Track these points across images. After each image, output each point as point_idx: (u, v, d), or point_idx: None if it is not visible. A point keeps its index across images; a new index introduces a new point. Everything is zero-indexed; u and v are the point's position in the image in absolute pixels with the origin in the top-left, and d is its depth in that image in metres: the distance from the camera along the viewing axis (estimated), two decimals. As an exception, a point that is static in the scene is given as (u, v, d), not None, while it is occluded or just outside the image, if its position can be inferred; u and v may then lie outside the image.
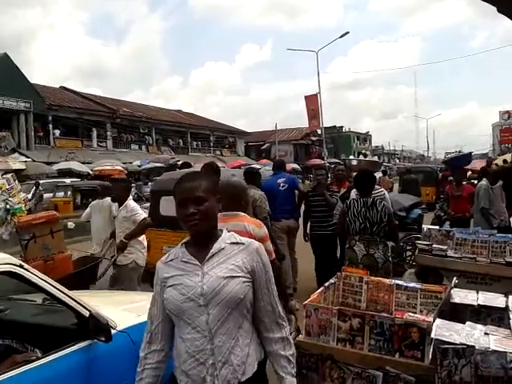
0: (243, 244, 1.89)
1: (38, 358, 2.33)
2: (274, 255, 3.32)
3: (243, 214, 3.23)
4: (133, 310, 3.10)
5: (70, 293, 2.53)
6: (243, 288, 1.80)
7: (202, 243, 1.88)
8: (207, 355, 1.76)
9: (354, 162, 23.57)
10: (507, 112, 42.89)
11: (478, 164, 19.59)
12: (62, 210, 17.38)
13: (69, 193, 19.98)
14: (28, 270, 2.33)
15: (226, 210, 3.04)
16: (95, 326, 2.46)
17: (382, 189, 6.13)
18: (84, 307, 2.51)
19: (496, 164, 17.63)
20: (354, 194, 5.38)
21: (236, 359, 1.78)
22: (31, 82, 28.38)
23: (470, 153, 13.37)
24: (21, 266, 2.30)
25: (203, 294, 1.78)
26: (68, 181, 21.36)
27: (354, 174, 6.76)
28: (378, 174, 18.05)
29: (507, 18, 2.09)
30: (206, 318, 1.77)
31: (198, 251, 1.87)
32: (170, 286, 1.84)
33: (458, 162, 11.11)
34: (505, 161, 13.67)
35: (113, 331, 2.55)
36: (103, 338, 2.46)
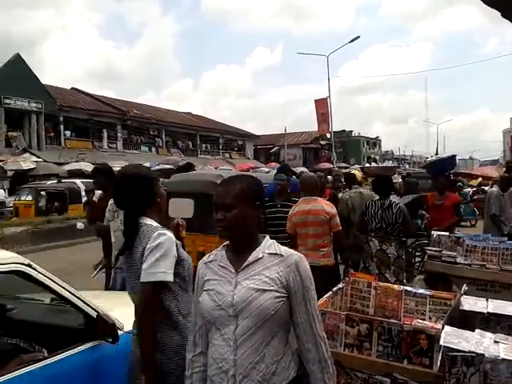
0: (282, 256, 1.80)
1: (45, 358, 2.34)
2: (340, 227, 4.83)
3: (320, 198, 4.95)
4: None
5: (78, 293, 2.54)
6: (275, 303, 1.72)
7: (239, 249, 1.85)
8: (229, 365, 1.72)
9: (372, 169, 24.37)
10: (518, 118, 42.59)
11: (488, 170, 19.46)
12: (23, 213, 16.38)
13: (29, 196, 17.27)
14: (36, 270, 2.35)
15: (308, 195, 4.78)
16: (102, 327, 2.47)
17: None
18: (91, 308, 2.52)
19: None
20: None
21: (258, 375, 1.71)
22: (43, 82, 28.62)
23: (454, 156, 10.83)
24: (29, 266, 2.32)
25: (233, 305, 1.74)
26: (78, 181, 21.47)
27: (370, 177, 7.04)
28: (398, 179, 18.02)
29: (510, 22, 2.07)
30: (234, 328, 1.74)
31: (236, 257, 1.84)
32: (205, 290, 1.83)
33: (439, 167, 9.74)
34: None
35: (120, 332, 2.56)
36: (110, 339, 2.47)
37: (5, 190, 19.62)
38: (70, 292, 2.49)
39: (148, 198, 2.36)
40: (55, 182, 18.96)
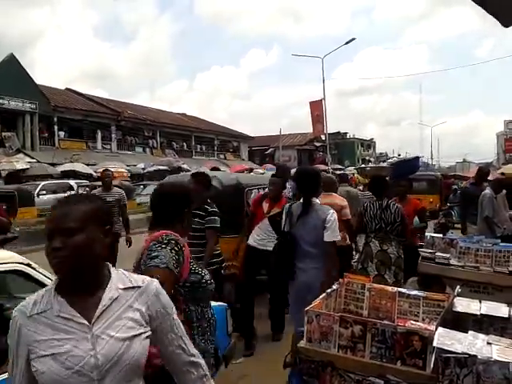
0: (139, 287, 1.50)
1: None
2: (349, 216, 5.58)
3: (335, 194, 5.77)
4: None
5: None
6: (146, 346, 1.47)
7: (83, 289, 1.43)
8: None
9: (367, 169, 24.39)
10: (512, 121, 42.85)
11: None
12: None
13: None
14: (35, 269, 2.38)
15: (325, 192, 5.15)
16: None
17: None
18: None
19: (503, 173, 17.64)
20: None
21: None
22: (37, 83, 28.52)
23: (417, 157, 9.55)
24: (28, 265, 2.36)
25: (98, 366, 1.36)
26: (72, 182, 21.37)
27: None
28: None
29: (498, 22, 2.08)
30: None
31: (81, 302, 1.42)
32: (45, 356, 1.36)
33: (401, 170, 8.68)
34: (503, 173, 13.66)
35: None
36: None
37: None
38: None
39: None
40: (48, 182, 18.87)
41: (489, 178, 8.77)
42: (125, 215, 7.10)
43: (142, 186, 24.30)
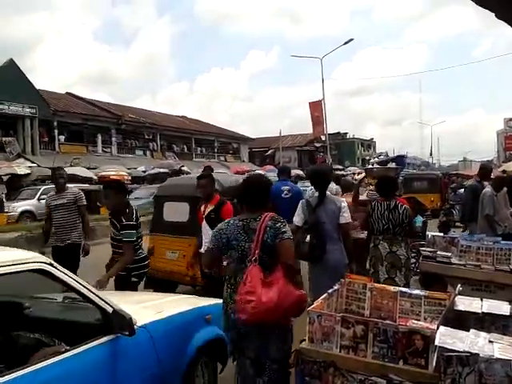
0: None
1: (67, 351, 2.48)
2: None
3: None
4: (151, 308, 3.34)
5: (96, 291, 2.73)
6: None
7: None
8: None
9: (375, 170, 24.07)
10: (512, 119, 42.78)
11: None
12: None
13: None
14: (57, 268, 2.50)
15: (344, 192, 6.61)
16: (119, 321, 2.63)
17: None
18: (108, 304, 2.68)
19: (504, 171, 17.64)
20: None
21: None
22: (37, 87, 28.55)
23: (402, 156, 8.26)
24: (51, 265, 2.47)
25: None
26: (72, 186, 21.29)
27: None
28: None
29: (506, 23, 2.09)
30: None
31: None
32: None
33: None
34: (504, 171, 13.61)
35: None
36: (127, 332, 2.63)
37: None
38: (88, 289, 2.65)
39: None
40: (49, 186, 18.82)
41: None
42: (85, 218, 6.16)
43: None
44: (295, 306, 2.80)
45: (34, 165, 24.78)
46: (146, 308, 3.32)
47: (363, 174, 8.73)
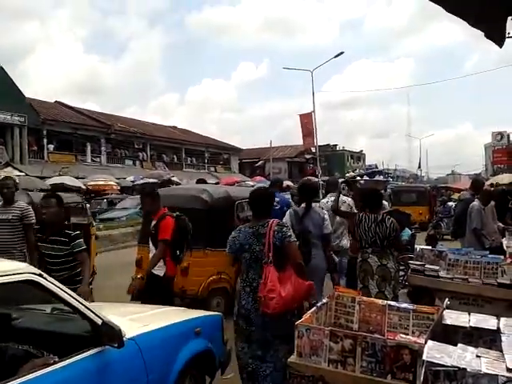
0: None
1: (56, 362, 2.46)
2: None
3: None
4: (138, 320, 3.31)
5: (85, 302, 2.73)
6: None
7: None
8: None
9: (362, 182, 23.87)
10: (500, 133, 43.19)
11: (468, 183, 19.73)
12: None
13: None
14: (47, 279, 2.49)
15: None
16: (108, 333, 2.62)
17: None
18: (97, 315, 2.67)
19: (492, 184, 17.79)
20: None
21: None
22: (26, 96, 28.43)
23: (380, 171, 7.00)
24: (40, 275, 2.46)
25: None
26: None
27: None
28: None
29: (493, 43, 2.14)
30: None
31: None
32: None
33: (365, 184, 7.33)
34: (492, 184, 13.71)
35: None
36: (116, 344, 2.61)
37: None
38: (77, 301, 2.65)
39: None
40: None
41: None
42: (29, 238, 5.14)
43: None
44: (307, 294, 3.53)
45: (22, 174, 24.57)
46: (134, 320, 3.30)
47: (353, 173, 8.96)
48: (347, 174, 23.46)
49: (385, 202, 7.00)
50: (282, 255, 3.45)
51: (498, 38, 2.20)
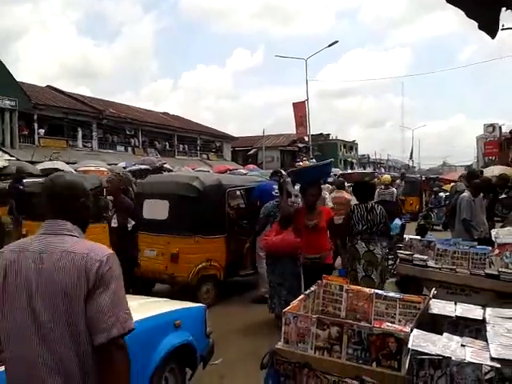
0: None
1: None
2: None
3: (343, 190, 8.92)
4: None
5: None
6: None
7: None
8: None
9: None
10: (491, 125, 43.32)
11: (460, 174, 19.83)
12: None
13: None
14: None
15: (337, 189, 8.98)
16: None
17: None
18: None
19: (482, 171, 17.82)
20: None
21: None
22: (17, 80, 28.10)
23: (330, 162, 5.98)
24: None
25: None
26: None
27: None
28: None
29: (487, 34, 2.14)
30: None
31: None
32: None
33: (312, 176, 6.09)
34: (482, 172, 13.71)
35: None
36: None
37: None
38: None
39: None
40: (28, 180, 18.53)
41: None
42: None
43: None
44: (291, 245, 5.56)
45: (13, 158, 24.37)
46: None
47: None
48: (296, 164, 23.20)
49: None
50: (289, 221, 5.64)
51: (490, 29, 2.20)
